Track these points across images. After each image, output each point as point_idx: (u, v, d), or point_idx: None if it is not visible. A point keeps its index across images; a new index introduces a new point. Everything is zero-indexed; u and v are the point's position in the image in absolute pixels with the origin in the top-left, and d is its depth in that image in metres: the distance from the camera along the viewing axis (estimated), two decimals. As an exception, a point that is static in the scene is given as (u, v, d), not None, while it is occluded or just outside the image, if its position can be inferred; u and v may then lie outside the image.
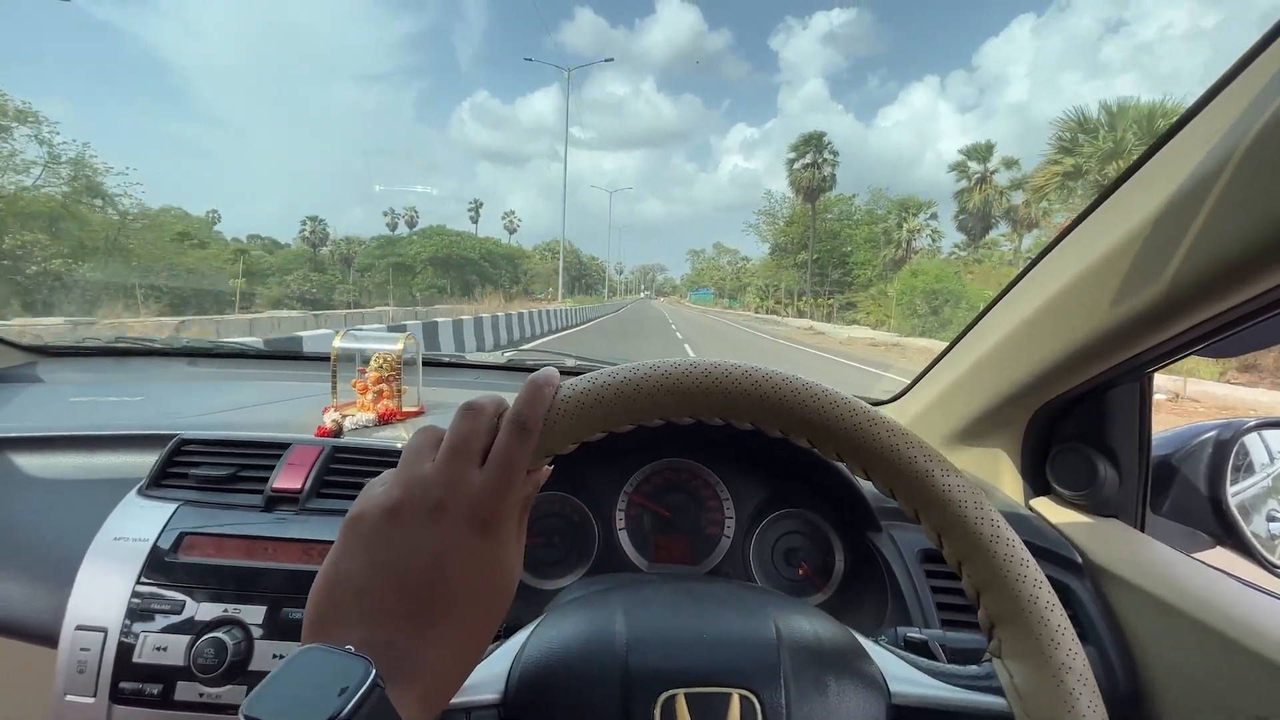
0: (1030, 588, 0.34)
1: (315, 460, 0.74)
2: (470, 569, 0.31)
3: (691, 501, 0.84)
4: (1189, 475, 0.71)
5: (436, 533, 0.31)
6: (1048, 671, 0.33)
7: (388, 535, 0.31)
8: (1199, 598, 0.55)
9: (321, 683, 0.26)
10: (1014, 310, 0.71)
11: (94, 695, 0.60)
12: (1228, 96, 0.47)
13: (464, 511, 0.31)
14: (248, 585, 0.64)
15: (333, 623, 0.30)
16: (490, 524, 0.31)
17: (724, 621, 0.41)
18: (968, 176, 33.97)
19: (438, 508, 0.31)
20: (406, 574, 0.30)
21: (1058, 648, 0.33)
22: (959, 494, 0.34)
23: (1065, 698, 0.33)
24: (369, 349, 0.99)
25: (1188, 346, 0.58)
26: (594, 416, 0.33)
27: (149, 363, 1.40)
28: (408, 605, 0.30)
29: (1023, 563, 0.34)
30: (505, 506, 0.32)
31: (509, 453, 0.32)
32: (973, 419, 0.80)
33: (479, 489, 0.31)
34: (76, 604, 0.63)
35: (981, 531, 0.34)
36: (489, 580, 0.32)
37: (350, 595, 0.30)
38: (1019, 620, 0.34)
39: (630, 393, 0.34)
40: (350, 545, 0.32)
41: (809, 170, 43.16)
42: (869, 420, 0.34)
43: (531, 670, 0.37)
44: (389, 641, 0.29)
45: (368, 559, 0.31)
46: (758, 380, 0.33)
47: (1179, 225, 0.49)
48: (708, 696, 0.36)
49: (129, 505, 0.71)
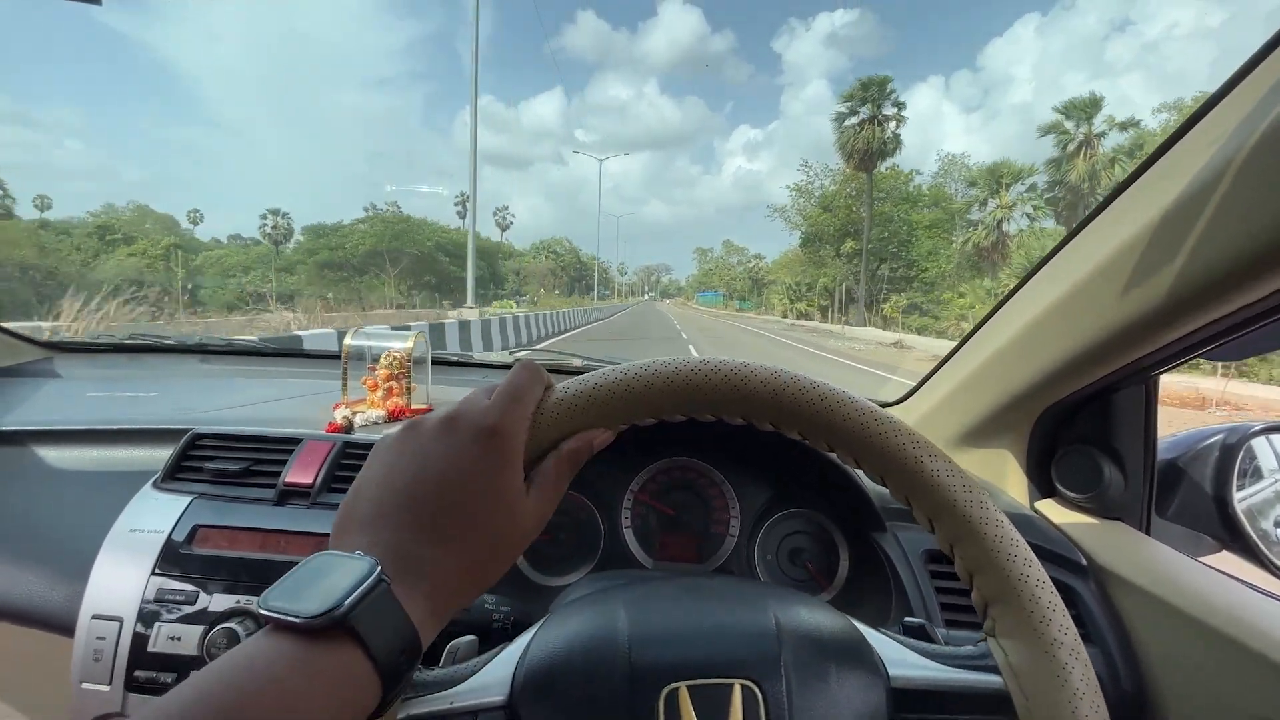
0: (1021, 566, 0.35)
1: (326, 455, 0.75)
2: (477, 482, 0.32)
3: (697, 500, 0.85)
4: (1195, 479, 0.71)
5: (446, 443, 0.33)
6: (1040, 647, 0.34)
7: (403, 447, 0.34)
8: (1204, 601, 0.55)
9: (329, 579, 0.27)
10: (1020, 312, 0.71)
11: (109, 683, 0.62)
12: (1235, 99, 0.47)
13: (471, 422, 0.33)
14: (260, 577, 0.65)
15: (348, 531, 0.32)
16: (495, 436, 0.33)
17: (724, 614, 0.42)
18: (1066, 140, 24.98)
19: (449, 419, 0.34)
20: (416, 482, 0.32)
21: (1049, 624, 0.34)
22: (947, 478, 0.35)
23: (1059, 671, 0.34)
24: (379, 347, 1.01)
25: (1194, 349, 0.58)
26: (625, 406, 0.36)
27: (163, 359, 1.42)
28: (415, 511, 0.31)
29: (1013, 542, 0.35)
30: (511, 423, 0.34)
31: (516, 379, 0.36)
32: (978, 421, 0.80)
33: (485, 406, 0.34)
34: (93, 594, 0.65)
35: (971, 514, 0.35)
36: (498, 496, 0.33)
37: (365, 504, 0.32)
38: (1011, 599, 0.35)
39: (641, 389, 0.35)
40: (372, 460, 0.34)
41: (866, 129, 30.95)
42: (858, 410, 0.35)
43: (536, 671, 0.38)
44: (396, 545, 0.30)
45: (384, 470, 0.33)
46: (746, 375, 0.35)
47: (1185, 227, 0.49)
48: (710, 688, 0.36)
49: (144, 498, 0.73)
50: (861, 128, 31.32)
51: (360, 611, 0.27)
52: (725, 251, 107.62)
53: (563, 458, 0.36)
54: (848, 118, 31.86)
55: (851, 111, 31.65)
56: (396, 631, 0.28)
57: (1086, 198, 25.20)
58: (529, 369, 0.36)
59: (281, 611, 0.26)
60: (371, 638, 0.27)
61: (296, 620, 0.26)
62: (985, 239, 26.90)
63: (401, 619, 0.28)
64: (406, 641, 0.28)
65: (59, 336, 1.32)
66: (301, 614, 0.26)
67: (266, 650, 0.26)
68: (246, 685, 0.24)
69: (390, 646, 0.28)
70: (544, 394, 0.36)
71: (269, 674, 0.25)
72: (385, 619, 0.28)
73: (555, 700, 0.36)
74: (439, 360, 1.36)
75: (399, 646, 0.28)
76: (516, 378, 0.36)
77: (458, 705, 0.36)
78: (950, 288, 28.40)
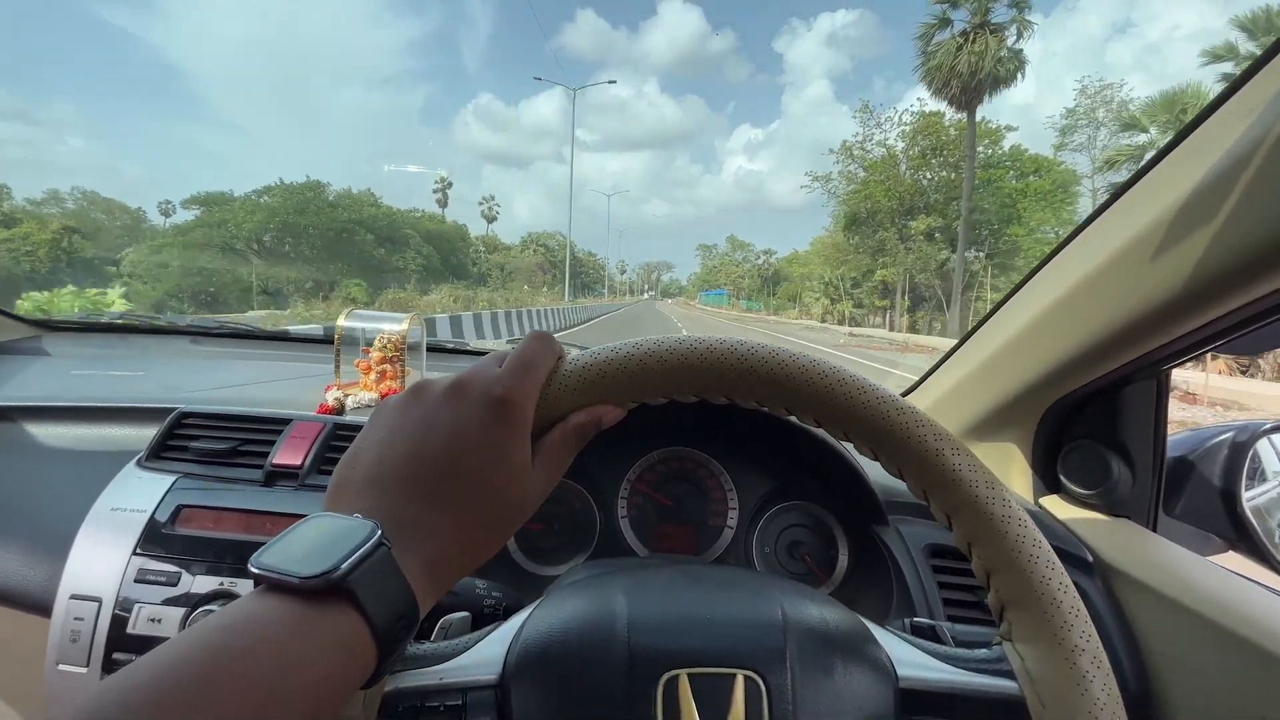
0: (1043, 569, 0.33)
1: (317, 436, 0.74)
2: (484, 451, 0.31)
3: (695, 491, 0.84)
4: (1203, 476, 0.70)
5: (454, 409, 0.32)
6: (1060, 654, 0.33)
7: (409, 410, 0.33)
8: (1211, 599, 0.54)
9: (326, 541, 0.26)
10: (1029, 304, 0.70)
11: (86, 665, 0.60)
12: (1252, 88, 0.46)
13: (478, 389, 0.32)
14: (244, 559, 0.62)
15: (347, 492, 0.31)
16: (505, 404, 0.32)
17: (728, 604, 0.40)
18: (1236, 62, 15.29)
19: (456, 386, 0.33)
20: (419, 447, 0.31)
21: (1070, 630, 0.33)
22: (970, 473, 0.34)
23: (1079, 680, 0.32)
24: (372, 329, 0.99)
25: (1206, 343, 0.57)
26: (628, 383, 0.35)
27: (152, 340, 1.40)
28: (418, 477, 0.30)
29: (1035, 544, 0.34)
30: (522, 392, 0.33)
31: (528, 348, 0.35)
32: (984, 414, 0.79)
33: (496, 374, 0.33)
34: (71, 573, 0.63)
35: (993, 512, 0.34)
36: (503, 467, 0.32)
37: (365, 467, 0.31)
38: (1031, 603, 0.34)
39: (654, 365, 0.34)
40: (374, 421, 0.33)
41: (972, 40, 19.55)
42: (877, 399, 0.33)
43: (530, 650, 0.36)
44: (396, 510, 0.29)
45: (386, 433, 0.32)
46: (764, 357, 0.33)
47: (1198, 219, 0.48)
48: (711, 677, 0.35)
49: (127, 476, 0.71)
50: (967, 40, 19.78)
51: (359, 575, 0.25)
52: (730, 247, 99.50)
53: (570, 430, 0.35)
54: (937, 31, 20.45)
55: (943, 21, 20.12)
56: (395, 598, 0.27)
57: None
58: (542, 339, 0.36)
59: (277, 571, 0.25)
60: (370, 603, 0.26)
61: (293, 580, 0.25)
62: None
63: (401, 585, 0.27)
64: (405, 608, 0.27)
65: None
66: (298, 574, 0.25)
67: (261, 610, 0.25)
68: (241, 644, 0.23)
69: (388, 613, 0.26)
70: (555, 365, 0.35)
71: (264, 634, 0.24)
72: (384, 584, 0.27)
73: (548, 682, 0.35)
74: (433, 347, 1.35)
75: (397, 613, 0.27)
76: (529, 346, 0.35)
77: (447, 681, 0.35)
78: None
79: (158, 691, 0.21)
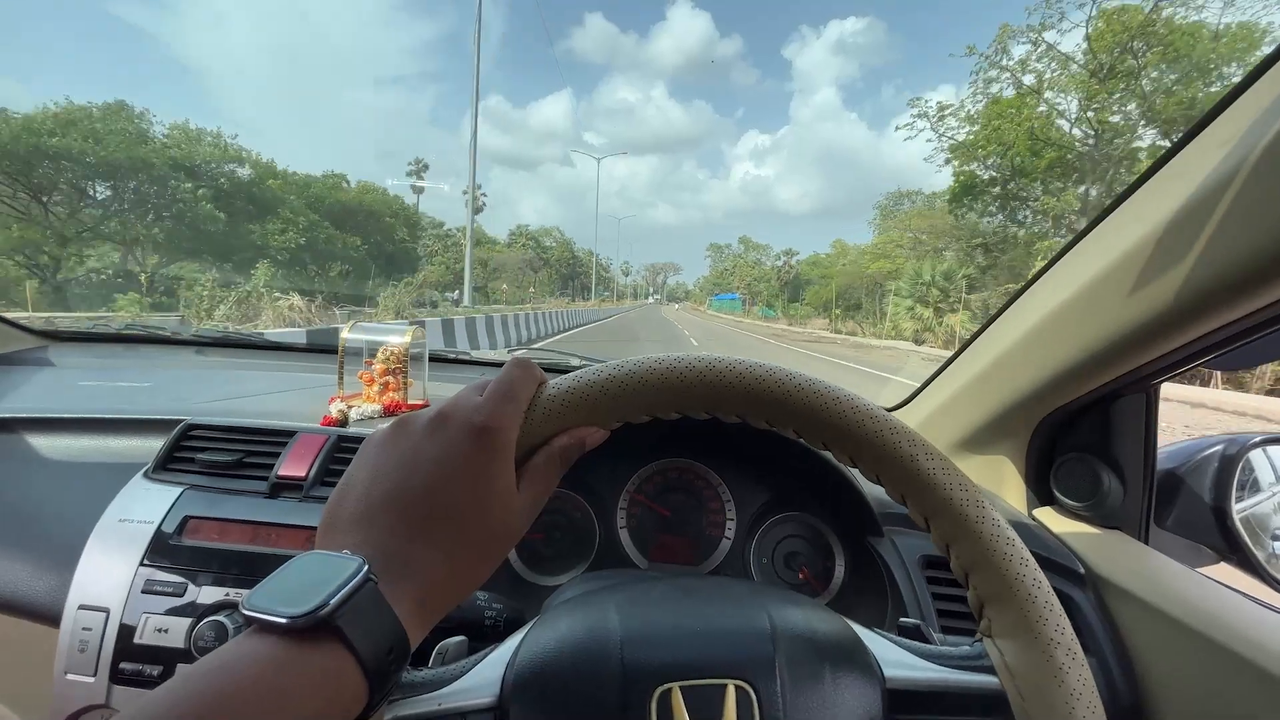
0: (1017, 565, 0.35)
1: (320, 449, 0.75)
2: (468, 481, 0.32)
3: (693, 502, 0.84)
4: (1194, 489, 0.71)
5: (437, 441, 0.32)
6: (1037, 647, 0.34)
7: (393, 444, 0.33)
8: (1202, 611, 0.55)
9: (314, 579, 0.27)
10: (1021, 318, 0.71)
11: (94, 675, 0.61)
12: (1241, 105, 0.47)
13: (460, 420, 0.33)
14: (250, 570, 0.64)
15: (335, 529, 0.31)
16: (487, 433, 0.32)
17: (718, 615, 0.41)
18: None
19: (439, 418, 0.33)
20: (406, 481, 0.32)
21: (1045, 623, 0.34)
22: (944, 476, 0.35)
23: (1055, 671, 0.33)
24: (376, 341, 1.00)
25: (1195, 358, 0.58)
26: (615, 403, 0.36)
27: (158, 350, 1.41)
28: (404, 511, 0.31)
29: (1009, 541, 0.35)
30: (503, 420, 0.33)
31: (509, 375, 0.35)
32: (977, 427, 0.80)
33: (477, 403, 0.34)
34: (80, 584, 0.64)
35: (968, 514, 0.35)
36: (488, 496, 0.32)
37: (352, 502, 0.32)
38: (1007, 598, 0.35)
39: (634, 387, 0.35)
40: (361, 456, 0.34)
41: None
42: (853, 408, 0.35)
43: (526, 672, 0.37)
44: (384, 544, 0.30)
45: (373, 467, 0.33)
46: (741, 373, 0.35)
47: (1188, 235, 0.49)
48: (703, 689, 0.35)
49: (135, 488, 0.72)
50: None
51: (346, 611, 0.26)
52: (745, 248, 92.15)
53: (554, 454, 0.35)
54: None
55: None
56: (384, 632, 0.28)
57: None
58: (522, 365, 0.36)
59: (265, 611, 0.26)
60: (358, 639, 0.26)
61: (281, 620, 0.26)
62: None
63: (389, 619, 0.28)
64: (394, 642, 0.28)
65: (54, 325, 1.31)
66: (286, 614, 0.26)
67: (249, 651, 0.25)
68: (230, 687, 0.24)
69: (377, 647, 0.27)
70: (537, 390, 0.36)
71: (251, 674, 0.24)
72: (372, 619, 0.27)
73: (546, 701, 0.36)
74: (436, 357, 1.36)
75: (386, 647, 0.27)
76: (509, 374, 0.35)
77: (446, 707, 0.36)
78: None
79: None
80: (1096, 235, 0.61)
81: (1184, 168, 0.51)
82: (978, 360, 0.79)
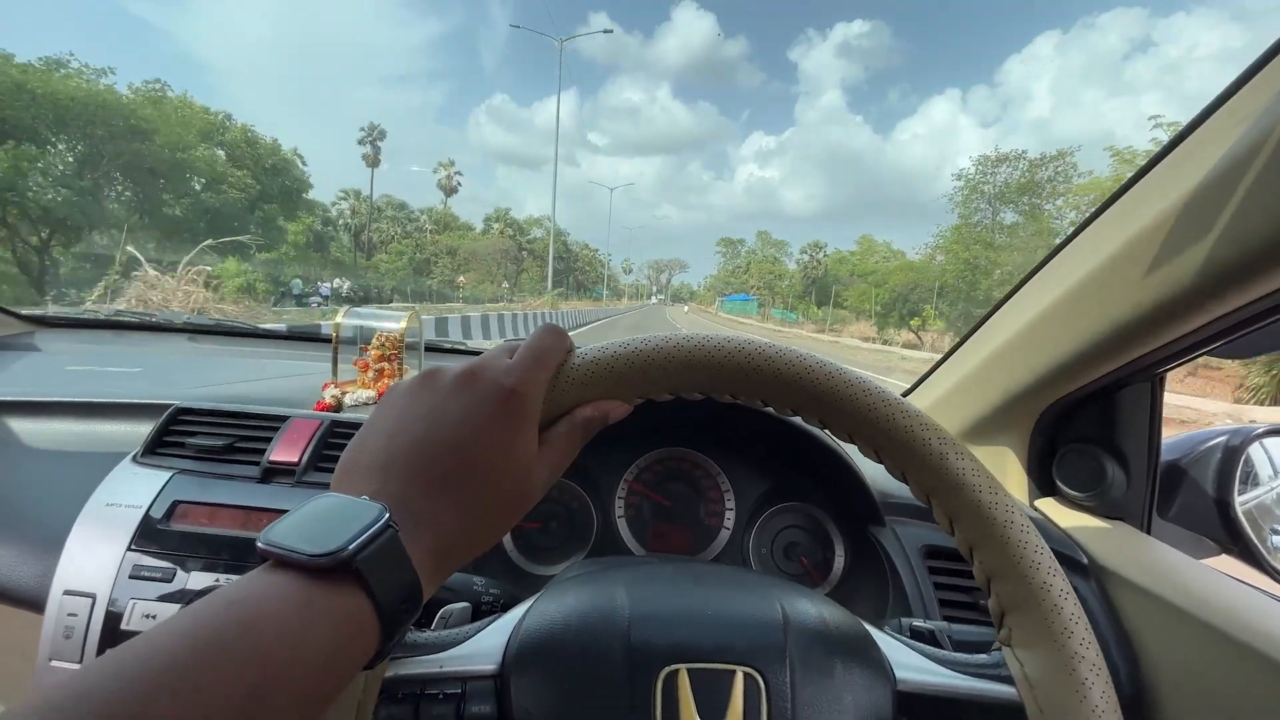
0: (1044, 575, 0.34)
1: (314, 434, 0.73)
2: (491, 442, 0.31)
3: (692, 491, 0.84)
4: (1197, 480, 0.70)
5: (464, 398, 0.32)
6: (1060, 660, 0.33)
7: (418, 397, 0.33)
8: (1205, 601, 0.55)
9: (335, 521, 0.26)
10: (1025, 307, 0.70)
11: (79, 661, 0.59)
12: (1247, 93, 0.46)
13: (489, 379, 0.32)
14: (240, 556, 0.63)
15: (354, 474, 0.31)
16: (514, 396, 0.32)
17: (729, 601, 0.40)
18: None
19: (468, 374, 0.33)
20: (427, 434, 0.31)
21: (1070, 637, 0.33)
22: (974, 478, 0.34)
23: (1078, 687, 0.32)
24: (371, 327, 0.99)
25: (1200, 346, 0.57)
26: (633, 379, 0.35)
27: (149, 337, 1.39)
28: (425, 464, 0.30)
29: (1037, 550, 0.34)
30: (531, 385, 0.33)
31: (539, 340, 0.35)
32: (980, 417, 0.79)
33: (507, 365, 0.33)
34: (65, 569, 0.62)
35: (996, 517, 0.34)
36: (509, 458, 0.32)
37: (373, 451, 0.31)
38: (1031, 609, 0.34)
39: (662, 362, 0.34)
40: (384, 406, 0.34)
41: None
42: (883, 401, 0.34)
43: (530, 642, 0.36)
44: (401, 493, 0.29)
45: (395, 418, 0.32)
46: (771, 356, 0.34)
47: (1192, 223, 0.49)
48: (711, 673, 0.35)
49: (123, 472, 0.70)
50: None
51: (367, 556, 0.26)
52: (761, 244, 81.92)
53: (576, 424, 0.35)
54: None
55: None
56: (400, 581, 0.27)
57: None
58: (553, 332, 0.36)
59: (285, 548, 0.25)
60: (377, 584, 0.26)
61: (301, 557, 0.25)
62: None
63: (406, 568, 0.27)
64: (409, 592, 0.28)
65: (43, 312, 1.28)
66: (306, 551, 0.25)
67: (268, 585, 0.25)
68: (252, 617, 0.23)
69: (394, 595, 0.27)
70: (565, 358, 0.35)
71: (270, 609, 0.24)
72: (391, 566, 0.27)
73: (548, 673, 0.35)
74: (432, 346, 1.34)
75: (401, 596, 0.27)
76: (541, 339, 0.35)
77: (447, 669, 0.35)
78: None
79: (152, 663, 0.21)
80: (1101, 223, 0.61)
81: (1190, 154, 0.50)
82: (981, 349, 0.78)
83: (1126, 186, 0.58)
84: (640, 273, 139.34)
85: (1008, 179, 28.35)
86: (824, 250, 61.62)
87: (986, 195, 28.99)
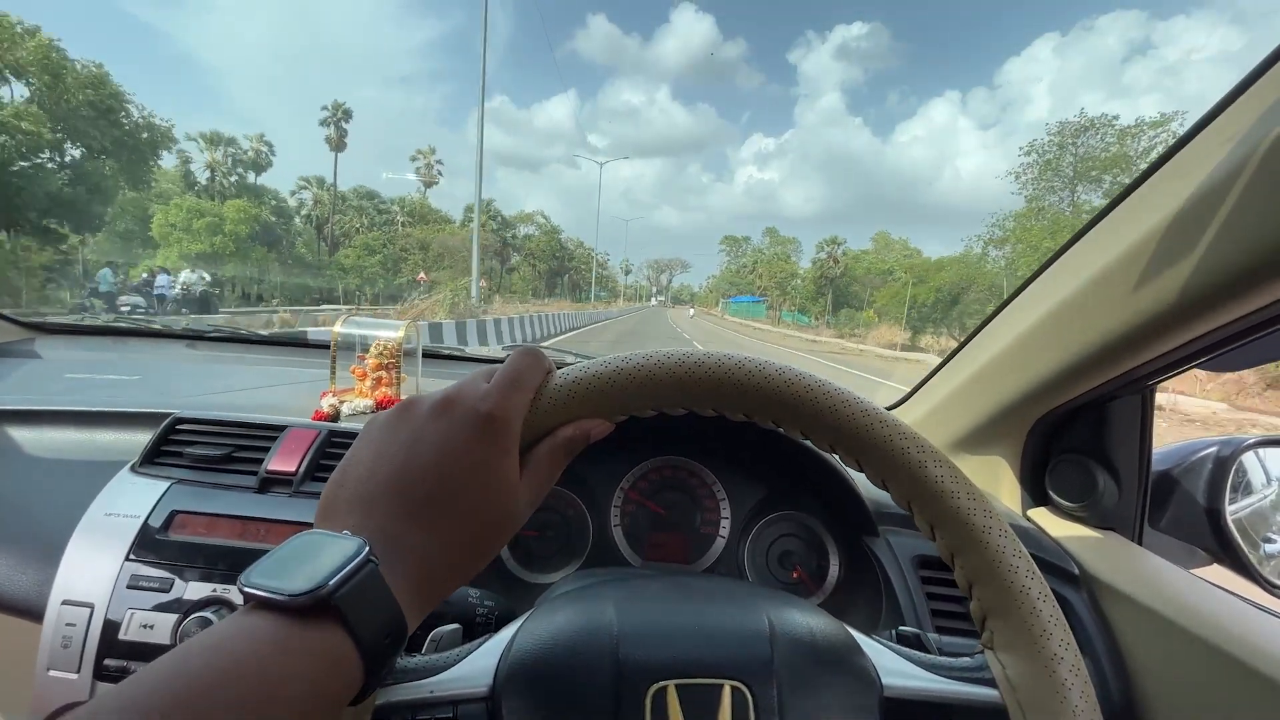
0: (1023, 579, 0.34)
1: (311, 444, 0.74)
2: (471, 468, 0.31)
3: (688, 500, 0.84)
4: (1188, 490, 0.71)
5: (441, 426, 0.32)
6: (1040, 662, 0.34)
7: (397, 428, 0.33)
8: (1196, 613, 0.55)
9: (314, 558, 0.27)
10: (1017, 319, 0.71)
11: (78, 671, 0.59)
12: (1238, 108, 0.47)
13: (466, 406, 0.32)
14: (238, 565, 0.63)
15: (335, 510, 0.31)
16: (492, 421, 0.32)
17: (716, 614, 0.41)
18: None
19: (445, 402, 0.33)
20: (407, 464, 0.31)
21: (1050, 639, 0.34)
22: (952, 485, 0.34)
23: (1058, 688, 0.33)
24: (369, 336, 0.99)
25: (1190, 359, 0.58)
26: (614, 395, 0.35)
27: (147, 344, 1.40)
28: (406, 495, 0.30)
29: (1015, 554, 0.35)
30: (509, 409, 0.33)
31: (516, 363, 0.35)
32: (972, 428, 0.79)
33: (484, 390, 0.34)
34: (64, 579, 0.63)
35: (975, 523, 0.34)
36: (490, 484, 0.32)
37: (353, 484, 0.31)
38: (1011, 612, 0.35)
39: (642, 379, 0.35)
40: (363, 438, 0.34)
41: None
42: (862, 412, 0.34)
43: (521, 662, 0.37)
44: (383, 526, 0.29)
45: (374, 450, 0.32)
46: (750, 371, 0.34)
47: (1183, 238, 0.49)
48: (699, 688, 0.35)
49: (121, 482, 0.71)
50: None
51: (346, 592, 0.26)
52: (770, 241, 75.45)
53: (558, 445, 0.35)
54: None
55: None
56: (382, 615, 0.27)
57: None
58: (530, 354, 0.36)
59: (264, 589, 0.25)
60: (357, 620, 0.26)
61: (279, 598, 0.25)
62: None
63: (388, 602, 0.27)
64: (392, 625, 0.28)
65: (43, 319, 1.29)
66: (285, 591, 0.25)
67: (246, 628, 0.25)
68: (224, 663, 0.23)
69: (375, 630, 0.27)
70: (544, 380, 0.35)
71: (248, 652, 0.24)
72: (371, 601, 0.27)
73: (539, 694, 0.35)
74: (430, 353, 1.35)
75: (384, 630, 0.27)
76: (518, 363, 0.35)
77: (438, 694, 0.35)
78: None
79: (133, 716, 0.21)
80: (1093, 236, 0.61)
81: (1182, 169, 0.51)
82: (974, 360, 0.79)
83: (1117, 201, 0.59)
84: (640, 273, 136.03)
85: (1088, 151, 25.54)
86: (841, 246, 55.80)
87: (1064, 174, 26.26)
